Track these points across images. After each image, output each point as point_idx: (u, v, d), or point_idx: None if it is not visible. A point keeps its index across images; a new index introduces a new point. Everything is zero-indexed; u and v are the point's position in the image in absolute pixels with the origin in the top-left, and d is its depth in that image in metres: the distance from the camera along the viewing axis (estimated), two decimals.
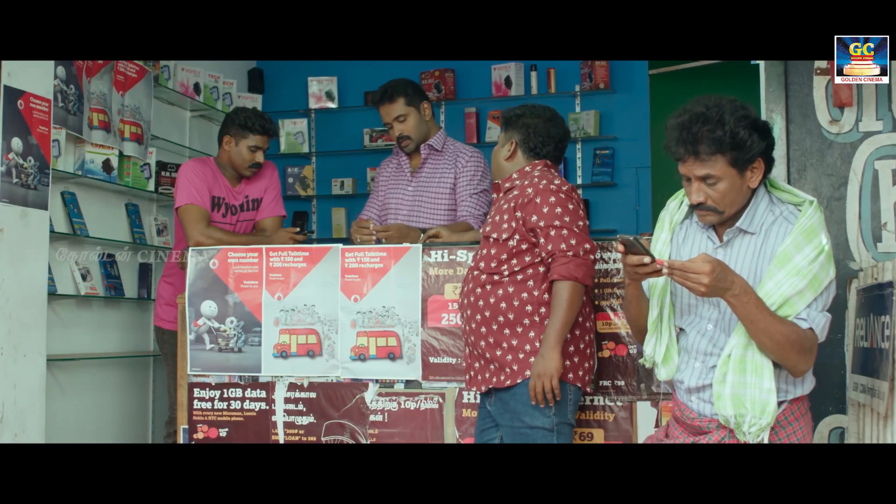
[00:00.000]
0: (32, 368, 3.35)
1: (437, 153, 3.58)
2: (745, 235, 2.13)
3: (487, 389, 2.69)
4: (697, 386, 2.16)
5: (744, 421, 2.05)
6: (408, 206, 3.57)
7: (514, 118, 2.82)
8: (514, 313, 2.63)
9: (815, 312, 2.05)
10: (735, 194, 2.07)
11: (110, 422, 4.39)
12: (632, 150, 5.51)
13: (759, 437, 2.05)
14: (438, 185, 3.54)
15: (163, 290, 3.75)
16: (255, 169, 3.61)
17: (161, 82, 4.82)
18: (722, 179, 2.05)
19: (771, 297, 2.02)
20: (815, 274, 2.03)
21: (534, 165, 2.77)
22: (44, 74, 3.46)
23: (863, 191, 2.89)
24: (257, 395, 3.21)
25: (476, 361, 2.72)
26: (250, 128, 3.54)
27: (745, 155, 2.03)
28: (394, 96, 3.51)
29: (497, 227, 2.69)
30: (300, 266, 3.19)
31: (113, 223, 4.53)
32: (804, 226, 2.05)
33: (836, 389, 2.81)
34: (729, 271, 1.99)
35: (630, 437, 2.90)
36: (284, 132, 5.99)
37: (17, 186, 3.32)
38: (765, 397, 2.04)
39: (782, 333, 2.00)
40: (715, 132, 2.01)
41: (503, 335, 2.64)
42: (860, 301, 2.65)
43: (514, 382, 2.62)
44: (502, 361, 2.64)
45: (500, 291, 2.65)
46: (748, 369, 2.05)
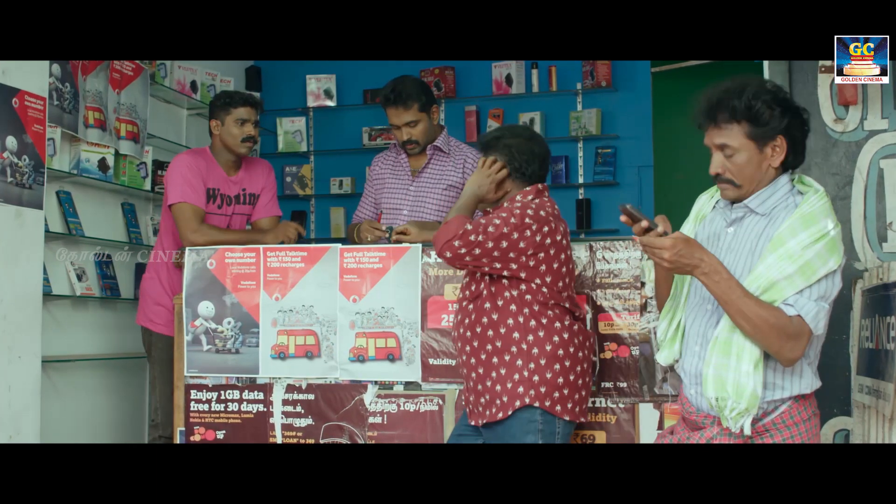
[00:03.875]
0: (27, 370, 3.33)
1: (442, 154, 3.53)
2: (753, 216, 2.11)
3: (484, 424, 2.62)
4: (696, 372, 2.15)
5: (725, 405, 2.04)
6: (409, 206, 3.51)
7: (494, 141, 2.73)
8: (501, 341, 2.57)
9: (806, 300, 2.01)
10: (753, 169, 2.07)
11: (106, 424, 4.36)
12: (634, 149, 5.48)
13: (738, 423, 2.03)
14: (442, 185, 3.49)
15: (150, 287, 3.62)
16: (249, 144, 3.52)
17: (157, 80, 4.79)
18: (739, 151, 2.06)
19: (759, 279, 2.01)
20: (807, 260, 1.99)
21: (525, 193, 2.67)
22: (39, 72, 3.44)
23: (868, 190, 2.87)
24: (255, 397, 3.18)
25: (471, 394, 2.66)
26: (230, 102, 3.49)
27: (763, 128, 2.04)
28: (408, 102, 3.40)
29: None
30: (298, 266, 3.16)
31: (109, 223, 4.49)
32: (804, 211, 2.04)
33: (841, 391, 2.79)
34: (696, 248, 2.00)
35: (632, 439, 2.88)
36: (282, 131, 5.96)
37: (12, 186, 3.29)
38: (743, 380, 2.02)
39: (759, 316, 1.98)
40: (732, 101, 2.05)
41: (492, 364, 2.58)
42: (865, 302, 2.62)
43: (505, 415, 2.55)
44: (493, 393, 2.58)
45: (485, 319, 2.59)
46: (731, 352, 2.04)
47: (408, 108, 3.40)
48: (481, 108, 5.77)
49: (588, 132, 5.52)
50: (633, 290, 2.87)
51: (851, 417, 2.74)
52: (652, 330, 2.83)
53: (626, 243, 2.90)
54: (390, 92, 3.42)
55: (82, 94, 4.14)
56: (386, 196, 3.59)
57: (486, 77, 5.70)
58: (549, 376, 2.54)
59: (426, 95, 3.45)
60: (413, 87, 3.42)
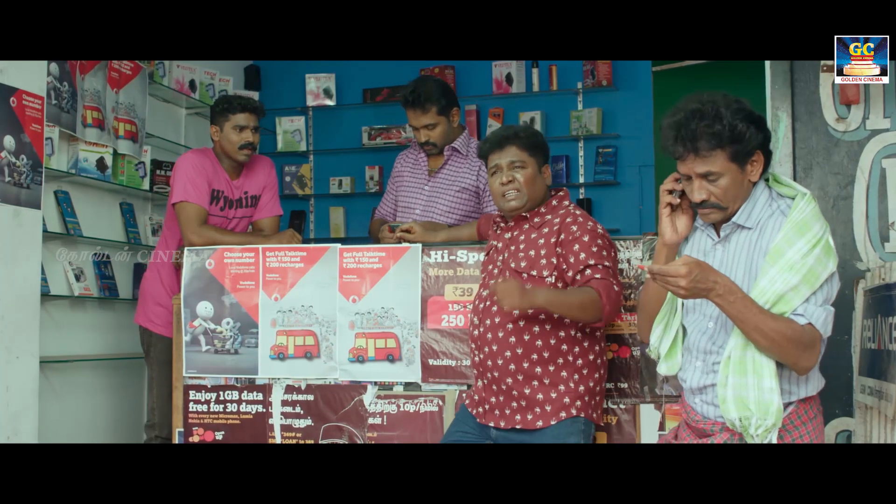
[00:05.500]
0: (25, 370, 3.32)
1: (459, 156, 3.50)
2: (742, 231, 2.10)
3: (510, 428, 2.59)
4: (699, 386, 2.14)
5: (750, 423, 2.02)
6: (422, 205, 3.49)
7: (540, 140, 2.71)
8: (548, 351, 2.56)
9: (814, 307, 2.01)
10: (737, 189, 2.06)
11: (104, 424, 4.35)
12: (635, 149, 5.46)
13: (766, 439, 2.03)
14: (456, 188, 3.46)
15: (151, 286, 3.61)
16: (248, 150, 3.48)
17: (156, 79, 4.78)
18: (723, 175, 2.04)
19: (765, 294, 2.00)
20: (809, 268, 1.99)
21: (560, 198, 2.71)
22: (37, 71, 3.43)
23: (870, 190, 2.86)
24: (254, 398, 3.16)
25: (494, 396, 2.62)
26: (228, 109, 3.45)
27: (745, 148, 2.03)
28: (426, 105, 3.37)
29: (534, 263, 2.59)
30: (298, 266, 3.15)
31: (107, 223, 4.48)
32: (796, 219, 2.03)
33: (843, 392, 2.78)
34: (710, 271, 1.98)
35: (633, 439, 2.86)
36: (282, 130, 5.95)
37: (10, 185, 3.28)
38: (767, 397, 2.01)
39: (776, 330, 1.97)
40: (713, 127, 2.01)
41: (534, 373, 2.56)
42: (867, 302, 2.61)
43: (546, 424, 2.54)
44: (532, 400, 2.56)
45: (536, 328, 2.57)
46: (749, 370, 2.03)
47: (426, 111, 3.39)
48: (481, 107, 5.75)
49: (589, 131, 5.50)
50: (633, 290, 2.86)
51: (853, 418, 2.73)
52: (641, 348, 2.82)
53: (627, 244, 2.89)
54: (410, 93, 3.40)
55: (80, 94, 4.12)
56: (402, 194, 3.59)
57: (487, 76, 5.68)
58: (591, 385, 2.59)
59: (446, 98, 3.42)
60: (433, 90, 3.39)
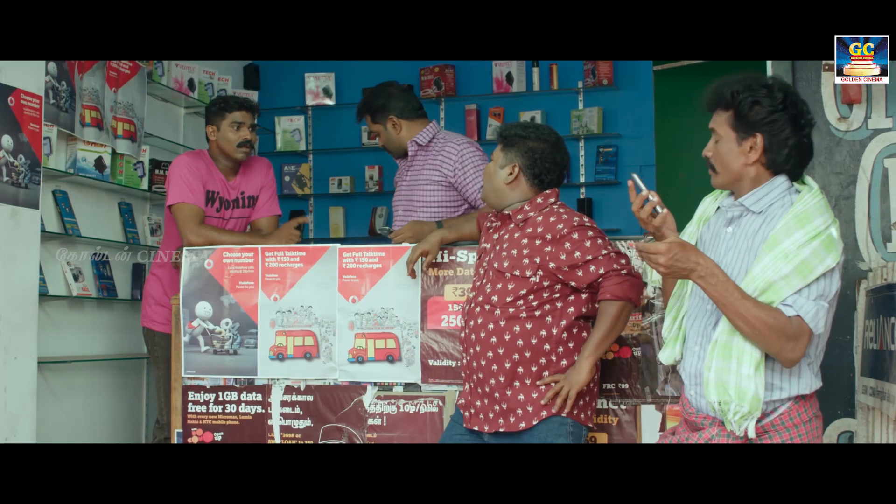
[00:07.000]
0: (23, 371, 3.31)
1: (423, 150, 3.48)
2: (750, 215, 2.11)
3: (494, 432, 2.57)
4: (696, 372, 2.13)
5: (728, 409, 2.03)
6: (403, 204, 3.51)
7: (518, 139, 2.64)
8: (530, 351, 2.53)
9: (804, 300, 1.99)
10: (730, 159, 2.10)
11: (103, 425, 4.34)
12: (636, 148, 5.45)
13: (742, 426, 2.02)
14: (423, 181, 3.45)
15: (152, 288, 3.63)
16: (246, 148, 3.46)
17: (155, 79, 4.76)
18: (723, 138, 2.10)
19: (755, 281, 2.00)
20: (803, 259, 1.98)
21: (546, 196, 2.63)
22: (35, 71, 3.42)
23: (872, 189, 2.85)
24: (253, 399, 3.15)
25: (479, 399, 2.60)
26: (225, 107, 3.44)
27: (742, 121, 2.07)
28: (360, 116, 3.49)
29: (517, 262, 2.55)
30: (297, 266, 3.14)
31: (106, 222, 4.46)
32: (798, 210, 2.02)
33: (845, 392, 2.77)
34: (692, 252, 2.00)
35: (634, 440, 2.85)
36: (281, 129, 5.94)
37: (8, 185, 3.27)
38: (745, 384, 2.01)
39: (757, 317, 1.96)
40: (724, 89, 2.10)
41: (516, 374, 2.54)
42: (869, 302, 2.60)
43: (528, 425, 2.52)
44: (512, 402, 2.53)
45: (517, 328, 2.53)
46: (732, 355, 2.03)
47: (363, 122, 3.53)
48: (481, 106, 5.74)
49: (589, 131, 5.49)
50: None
51: (855, 419, 2.72)
52: (654, 328, 2.80)
53: (628, 243, 2.87)
54: None
55: (79, 93, 4.11)
56: (393, 198, 3.63)
57: (487, 75, 5.67)
58: None
59: (369, 109, 3.46)
60: (363, 102, 3.50)
